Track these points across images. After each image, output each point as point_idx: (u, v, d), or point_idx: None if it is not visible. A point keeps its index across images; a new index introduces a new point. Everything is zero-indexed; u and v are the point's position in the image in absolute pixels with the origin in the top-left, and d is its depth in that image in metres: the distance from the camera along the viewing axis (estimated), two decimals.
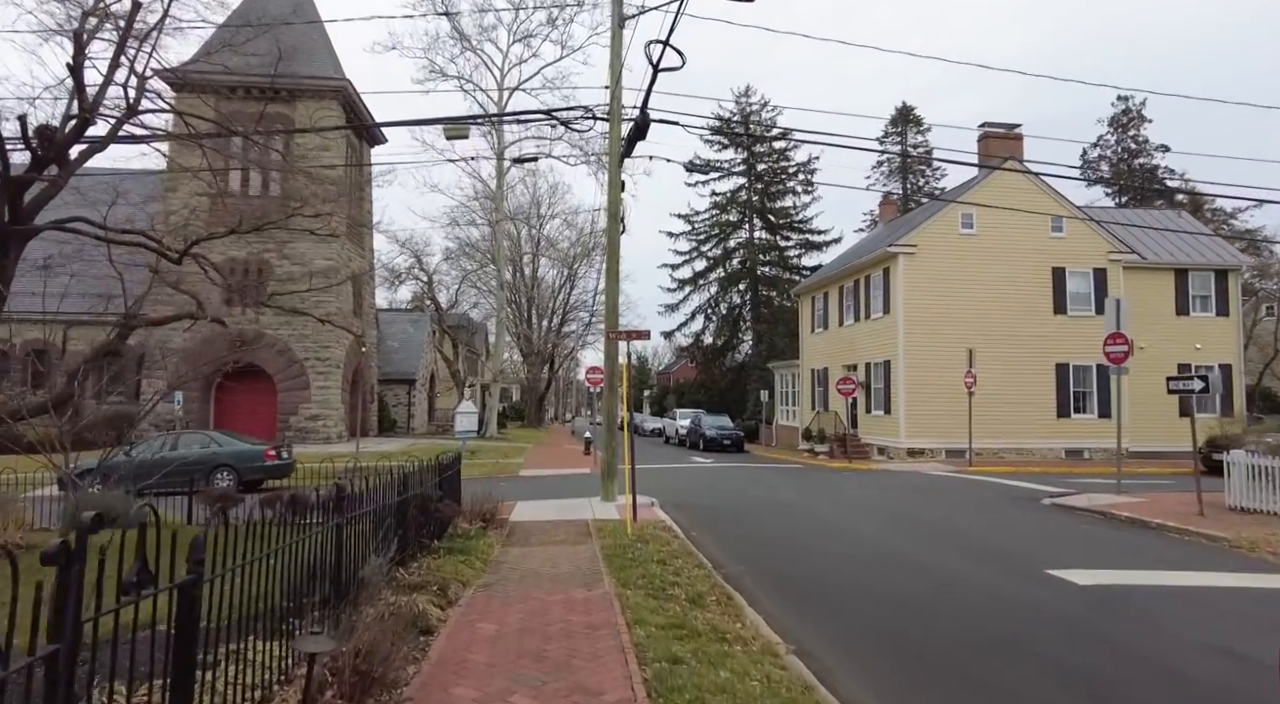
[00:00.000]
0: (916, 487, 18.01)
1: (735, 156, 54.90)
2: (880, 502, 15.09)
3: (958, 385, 25.49)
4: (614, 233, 13.86)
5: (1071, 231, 27.20)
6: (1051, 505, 14.51)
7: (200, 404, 30.83)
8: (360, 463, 24.01)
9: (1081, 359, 26.89)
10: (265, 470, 18.84)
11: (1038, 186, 27.39)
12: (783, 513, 13.37)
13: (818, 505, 14.32)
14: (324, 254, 31.77)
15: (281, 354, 31.20)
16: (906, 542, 10.60)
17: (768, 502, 14.85)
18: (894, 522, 12.47)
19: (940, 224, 26.88)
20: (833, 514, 13.29)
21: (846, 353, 30.70)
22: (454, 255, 52.08)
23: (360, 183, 37.23)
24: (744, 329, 54.76)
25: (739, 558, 9.50)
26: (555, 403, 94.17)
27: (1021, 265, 26.85)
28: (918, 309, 26.28)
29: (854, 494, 16.53)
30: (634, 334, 11.62)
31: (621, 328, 12.02)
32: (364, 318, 36.74)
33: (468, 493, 12.21)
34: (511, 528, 11.15)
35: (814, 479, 20.46)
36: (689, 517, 12.71)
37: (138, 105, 9.90)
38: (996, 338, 25.98)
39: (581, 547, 9.56)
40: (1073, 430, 26.70)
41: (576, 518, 12.11)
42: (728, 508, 13.99)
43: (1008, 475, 21.39)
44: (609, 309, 13.68)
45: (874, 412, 28.01)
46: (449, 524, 9.56)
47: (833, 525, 12.12)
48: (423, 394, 46.62)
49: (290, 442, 30.17)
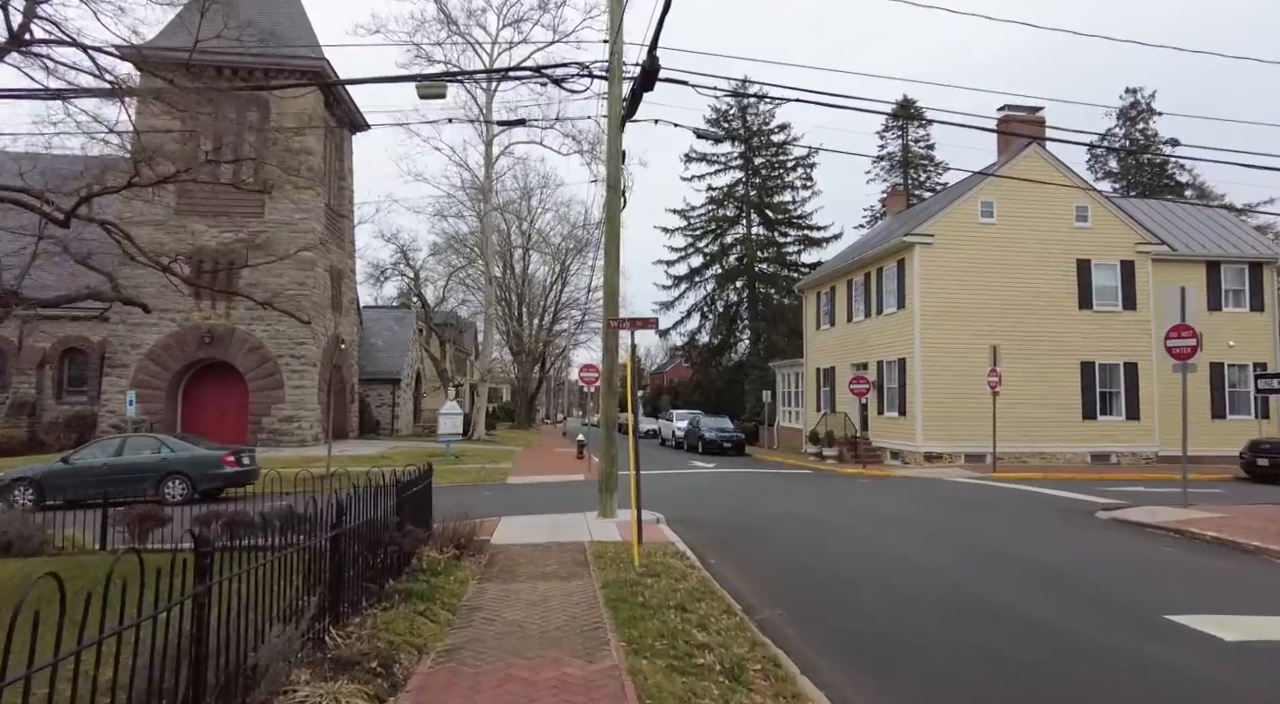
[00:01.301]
0: (947, 497, 16.22)
1: (732, 150, 53.20)
2: (915, 515, 13.28)
3: (978, 385, 23.76)
4: (614, 206, 12.02)
5: (1097, 221, 25.50)
6: (1110, 521, 12.73)
7: (167, 405, 28.80)
8: (333, 468, 22.13)
9: (1108, 357, 25.20)
10: (224, 478, 16.93)
11: (1061, 173, 25.69)
12: (808, 531, 11.54)
13: (846, 521, 12.51)
14: (300, 245, 29.67)
15: (254, 351, 29.21)
16: (969, 571, 8.80)
17: (787, 516, 13.03)
18: (941, 543, 10.66)
19: (958, 213, 25.14)
20: (867, 533, 11.48)
21: (856, 350, 28.93)
22: (441, 250, 50.12)
23: (340, 171, 35.25)
24: (741, 328, 53.07)
25: (773, 596, 7.68)
26: (546, 403, 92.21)
27: (1044, 257, 25.14)
28: (935, 303, 24.53)
29: (881, 506, 14.73)
30: (639, 323, 9.78)
31: (623, 316, 10.17)
32: (344, 313, 34.75)
33: (445, 507, 10.39)
34: (493, 554, 9.28)
35: (830, 488, 18.66)
36: (701, 536, 10.87)
37: (24, 33, 7.95)
38: (1018, 334, 24.25)
39: (578, 582, 7.71)
40: (1099, 433, 24.99)
41: (571, 540, 10.25)
42: (743, 525, 12.16)
43: (1037, 482, 19.65)
44: (608, 295, 11.83)
45: (887, 413, 26.25)
46: (412, 556, 7.70)
47: (871, 548, 10.30)
48: (408, 394, 44.64)
49: (260, 444, 28.23)
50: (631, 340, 9.55)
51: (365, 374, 40.13)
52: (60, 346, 32.22)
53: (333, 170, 34.21)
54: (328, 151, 33.21)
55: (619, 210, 12.11)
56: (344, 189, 35.47)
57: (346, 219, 35.57)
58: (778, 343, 48.05)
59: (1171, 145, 50.97)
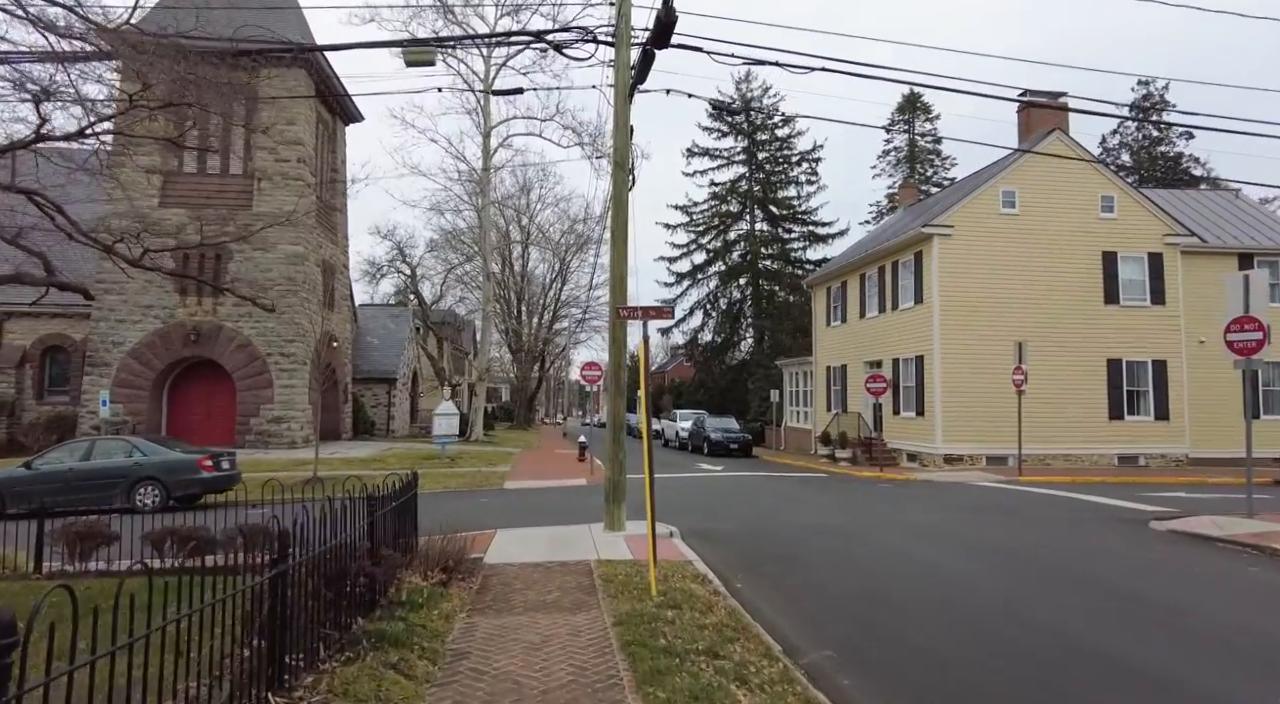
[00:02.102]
0: (979, 504, 15.02)
1: (735, 145, 52.05)
2: (951, 527, 12.09)
3: (1001, 383, 22.58)
4: (621, 185, 10.84)
5: (1123, 211, 24.32)
6: (1170, 533, 11.54)
7: (151, 405, 27.59)
8: (321, 472, 20.93)
9: (1136, 354, 24.02)
10: (201, 484, 15.73)
11: (1086, 162, 24.52)
12: (839, 546, 10.35)
13: (877, 533, 11.31)
14: (290, 238, 28.55)
15: (242, 349, 28.00)
16: (1039, 598, 7.61)
17: (815, 528, 11.84)
18: (992, 560, 9.46)
19: (978, 202, 23.95)
20: (905, 548, 10.28)
21: (870, 348, 27.75)
22: (439, 247, 48.90)
23: (333, 163, 34.05)
24: (745, 326, 51.92)
25: (817, 630, 6.50)
26: (546, 403, 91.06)
27: (1068, 249, 23.96)
28: (955, 297, 23.35)
29: (910, 515, 13.54)
30: (651, 312, 8.58)
31: (633, 305, 8.97)
32: (337, 310, 33.55)
33: (436, 517, 9.25)
34: (486, 577, 8.10)
35: (851, 494, 17.47)
36: (721, 554, 9.69)
37: None
38: (1041, 330, 23.07)
39: (585, 616, 6.53)
40: (1126, 434, 23.81)
41: (575, 558, 9.07)
42: (766, 539, 10.97)
43: (1067, 487, 18.47)
44: (615, 283, 10.63)
45: (904, 413, 25.06)
46: (390, 584, 6.52)
47: (917, 567, 9.11)
48: (404, 394, 43.46)
49: (248, 446, 27.06)
50: (644, 332, 8.35)
51: (360, 373, 38.98)
52: (41, 344, 31.03)
53: (325, 162, 33.03)
54: (319, 142, 32.02)
55: (626, 190, 10.93)
56: (336, 181, 34.28)
57: (339, 212, 34.38)
58: (783, 341, 46.91)
59: (1187, 138, 49.83)
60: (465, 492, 17.68)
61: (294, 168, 28.96)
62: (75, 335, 30.43)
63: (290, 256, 28.42)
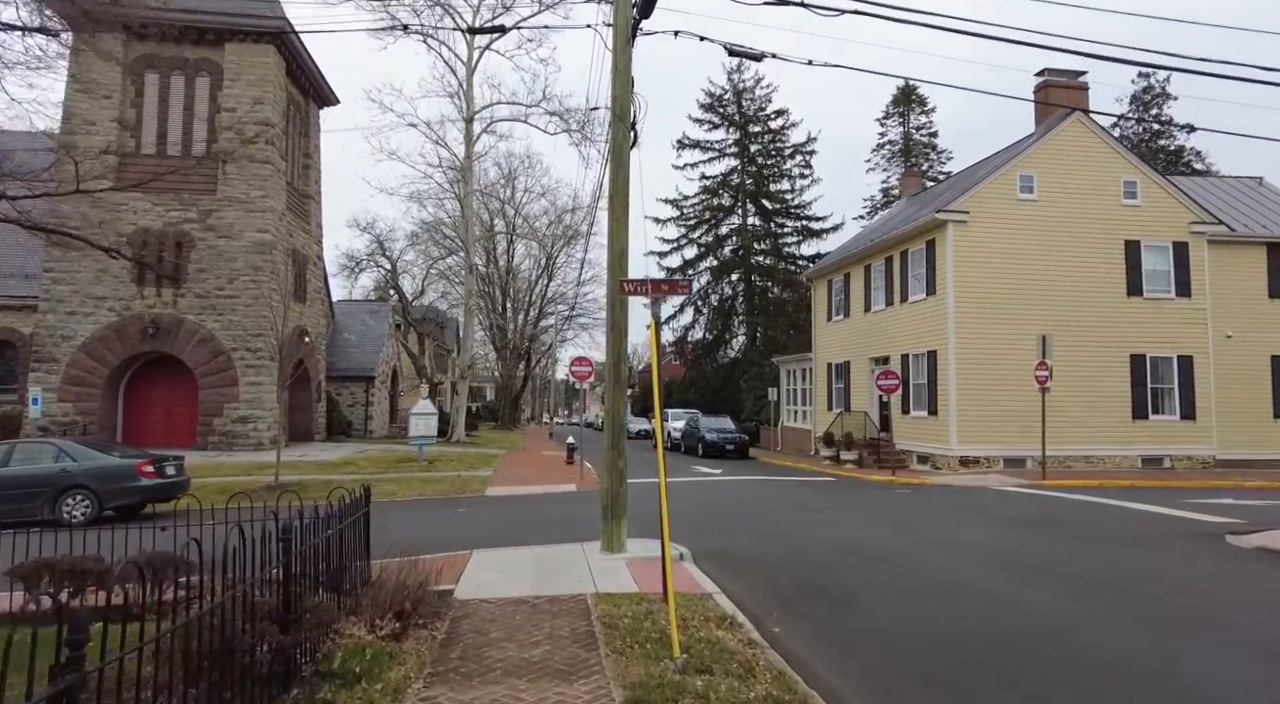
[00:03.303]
0: (1022, 515, 13.38)
1: (727, 136, 50.53)
2: (1007, 545, 10.42)
3: (1020, 380, 21.11)
4: (620, 142, 9.14)
5: (1147, 198, 22.86)
6: (1260, 551, 9.97)
7: (104, 404, 25.60)
8: (281, 476, 19.09)
9: (1160, 350, 22.58)
10: (141, 492, 13.90)
11: (1107, 145, 23.07)
12: (890, 574, 8.65)
13: (929, 557, 9.61)
14: (258, 225, 26.65)
15: (204, 344, 26.04)
16: (1197, 666, 5.99)
17: (846, 547, 10.17)
18: (1083, 594, 7.78)
19: (995, 188, 22.42)
20: (968, 576, 8.62)
21: (875, 343, 26.18)
22: (420, 240, 46.99)
23: (306, 148, 32.11)
24: (737, 322, 50.41)
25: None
26: (532, 402, 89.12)
27: (1089, 237, 22.48)
28: (971, 288, 21.80)
29: (954, 530, 11.90)
30: (664, 286, 6.89)
31: (639, 277, 7.26)
32: (310, 303, 31.62)
33: (403, 533, 7.61)
34: (454, 622, 6.37)
35: (872, 502, 15.83)
36: (746, 583, 8.02)
37: None
38: (1060, 323, 21.56)
39: (585, 687, 4.82)
40: (1150, 434, 22.35)
41: (568, 591, 7.36)
42: (796, 562, 9.28)
43: (1099, 492, 16.96)
44: (613, 255, 8.93)
45: (914, 412, 23.50)
46: (318, 647, 4.79)
47: (998, 607, 7.39)
48: (383, 393, 41.50)
49: (211, 447, 25.11)
50: (655, 311, 6.66)
51: (336, 371, 37.05)
52: None
53: (297, 146, 31.10)
54: (291, 125, 30.09)
55: (627, 147, 9.23)
56: (310, 167, 32.33)
57: (313, 200, 32.43)
58: (777, 338, 45.47)
59: (1188, 131, 48.73)
60: (441, 500, 15.92)
61: (262, 150, 26.98)
62: (24, 329, 28.35)
63: (257, 244, 26.49)
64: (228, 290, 26.20)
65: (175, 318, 25.97)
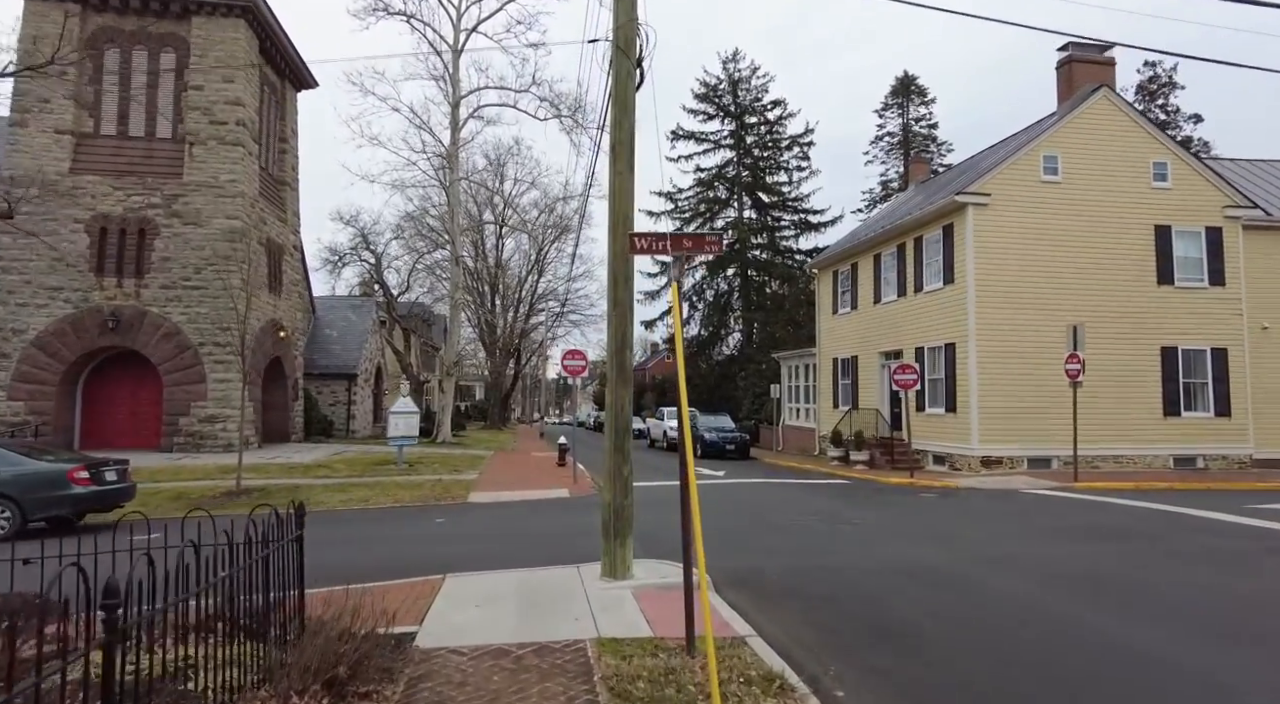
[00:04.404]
0: (1085, 524, 11.74)
1: (722, 128, 49.05)
2: (1094, 566, 8.73)
3: (1046, 374, 19.68)
4: (624, 78, 7.53)
5: (1178, 180, 21.42)
6: None
7: (60, 403, 23.78)
8: (246, 480, 17.39)
9: (1193, 342, 21.15)
10: (72, 502, 12.17)
11: (1136, 123, 21.62)
12: (962, 607, 7.02)
13: (1000, 581, 7.97)
14: (227, 211, 24.88)
15: (169, 338, 24.25)
16: None
17: (894, 567, 8.57)
18: (1223, 640, 6.28)
19: (1017, 169, 20.92)
20: (1065, 608, 6.99)
21: (886, 336, 24.64)
22: (405, 233, 45.15)
23: (282, 132, 30.34)
24: (734, 318, 48.95)
25: None
26: (522, 401, 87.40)
27: (1116, 222, 21.02)
28: (993, 276, 20.30)
29: (1013, 543, 10.32)
30: (688, 243, 5.32)
31: (654, 231, 5.61)
32: (286, 296, 29.85)
33: (365, 552, 5.98)
34: (410, 686, 4.73)
35: (902, 509, 14.25)
36: (786, 621, 6.42)
37: None
38: (1087, 314, 20.06)
39: None
40: (1183, 432, 20.91)
41: (561, 637, 5.74)
42: (838, 588, 7.68)
43: (1142, 495, 15.47)
44: (615, 218, 7.30)
45: (930, 409, 21.97)
46: None
47: (1129, 656, 5.79)
48: (366, 391, 39.73)
49: (177, 448, 23.30)
50: (677, 274, 5.06)
51: (317, 368, 35.30)
52: None
53: (271, 130, 29.32)
54: (265, 107, 28.31)
55: (632, 88, 7.62)
56: (286, 153, 30.55)
57: (288, 187, 30.64)
58: (776, 334, 44.00)
59: (1195, 122, 47.49)
60: (419, 507, 14.27)
61: (232, 131, 25.26)
62: None
63: (227, 232, 24.71)
64: (194, 281, 24.42)
65: (138, 310, 24.17)
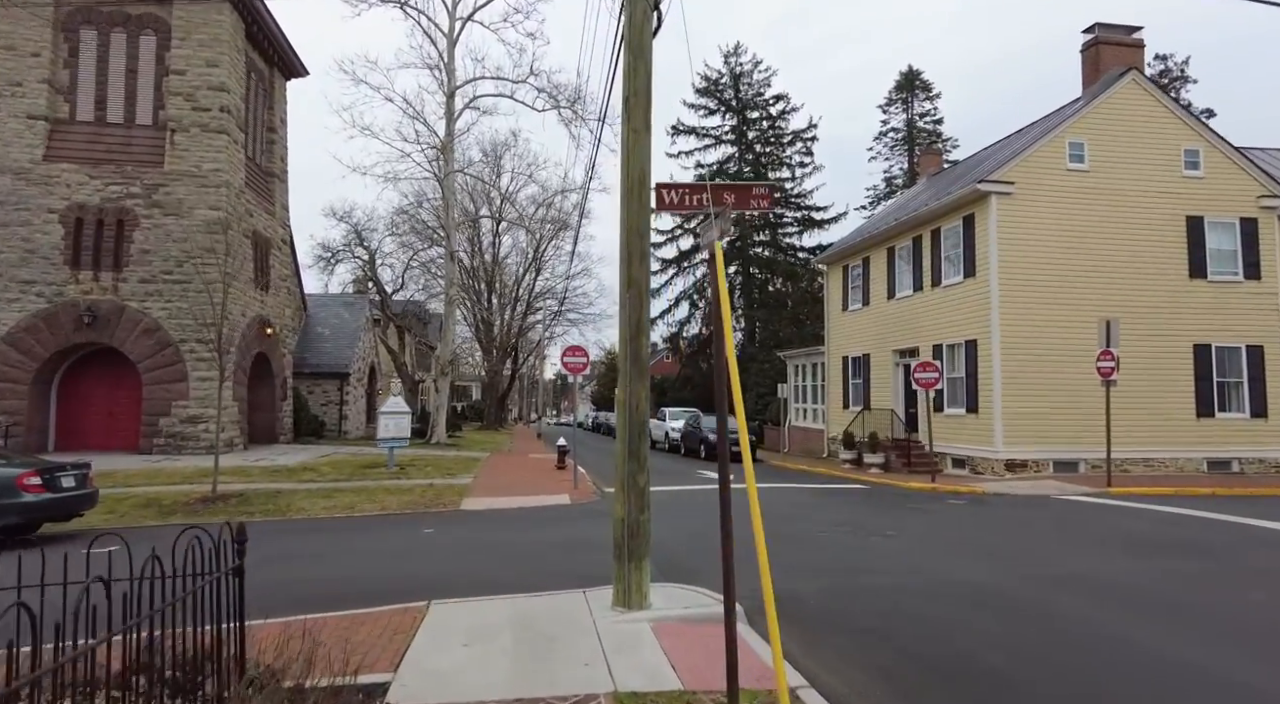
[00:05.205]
0: (1148, 538, 10.57)
1: (723, 123, 48.02)
2: (1183, 590, 7.57)
3: (1073, 372, 18.63)
4: (640, 21, 6.39)
5: (1211, 168, 20.35)
6: None
7: (33, 403, 22.60)
8: (226, 485, 16.24)
9: (1227, 339, 20.08)
10: (22, 510, 11.00)
11: (1167, 109, 20.54)
12: (1038, 638, 5.89)
13: (1077, 606, 6.81)
14: (210, 202, 23.72)
15: (149, 334, 23.08)
16: None
17: (948, 591, 7.44)
18: None
19: (1042, 156, 19.83)
20: (1167, 646, 5.91)
21: (901, 334, 23.53)
22: (400, 229, 43.96)
23: (270, 122, 29.19)
24: (735, 317, 47.80)
25: None
26: (520, 402, 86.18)
27: (1146, 212, 19.95)
28: (1017, 268, 19.20)
29: (1075, 560, 9.18)
30: (729, 195, 4.20)
31: (690, 181, 4.52)
32: (275, 292, 28.69)
33: (337, 571, 4.99)
34: None
35: (935, 518, 13.11)
36: (838, 660, 5.30)
37: None
38: (1115, 309, 18.96)
39: None
40: (1217, 434, 19.83)
41: (568, 691, 4.60)
42: (892, 617, 6.54)
43: (1186, 502, 14.37)
44: (630, 185, 6.19)
45: (949, 410, 20.86)
46: None
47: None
48: (359, 391, 38.55)
49: (157, 450, 22.09)
50: (722, 229, 3.93)
51: (308, 367, 34.12)
52: None
53: (259, 118, 28.16)
54: (252, 94, 27.16)
55: (648, 31, 6.49)
56: (274, 143, 29.39)
57: (277, 178, 29.47)
58: (779, 333, 42.96)
59: (1207, 116, 46.46)
60: (408, 515, 13.12)
61: (216, 118, 24.10)
62: None
63: (210, 223, 23.52)
64: (176, 274, 23.23)
65: (115, 305, 23.00)
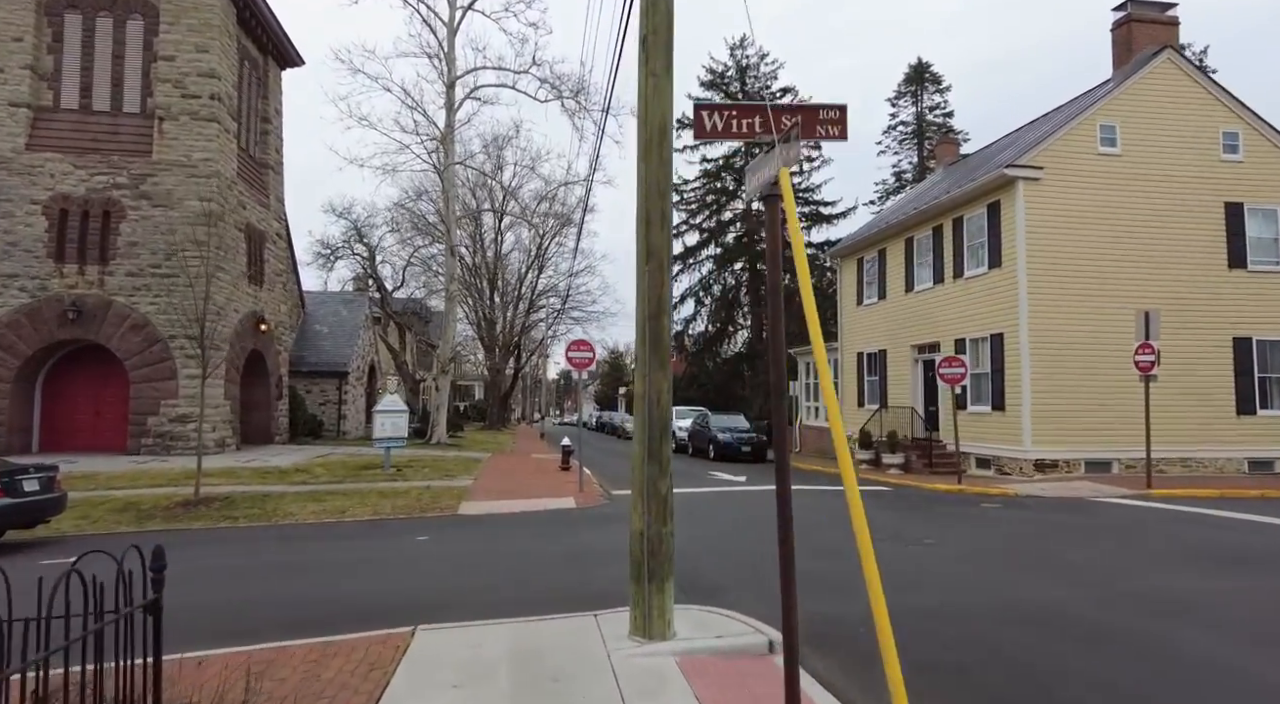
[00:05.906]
0: (1219, 548, 9.42)
1: None
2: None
3: (1107, 367, 17.61)
4: None
5: (1251, 152, 19.32)
6: None
7: (15, 402, 21.70)
8: (213, 487, 15.29)
9: (1269, 332, 19.04)
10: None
11: (1204, 89, 19.50)
12: (1154, 680, 4.93)
13: (1182, 634, 5.72)
14: (200, 193, 22.78)
15: (137, 330, 22.17)
16: None
17: (1019, 615, 6.43)
18: None
19: (1071, 139, 18.80)
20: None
21: (919, 328, 22.51)
22: (400, 225, 43.04)
23: (264, 112, 28.26)
24: (741, 314, 46.93)
25: None
26: (523, 401, 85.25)
27: (1182, 198, 18.92)
28: (1046, 258, 18.17)
29: (1153, 575, 8.16)
30: (789, 117, 3.20)
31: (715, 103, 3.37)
32: (269, 287, 27.75)
33: (317, 587, 4.57)
34: None
35: (974, 525, 12.08)
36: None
37: None
38: (1150, 301, 17.90)
39: None
40: (1259, 432, 18.78)
41: None
42: (963, 648, 5.54)
43: (1226, 504, 13.33)
44: (649, 134, 5.21)
45: (973, 407, 19.83)
46: None
47: None
48: (358, 390, 37.65)
49: (145, 450, 21.14)
50: (787, 161, 2.97)
51: (305, 366, 33.27)
52: None
53: (252, 108, 27.24)
54: (245, 83, 26.24)
55: None
56: (269, 134, 28.47)
57: (271, 170, 28.54)
58: (788, 330, 41.81)
59: None
60: (402, 520, 12.15)
61: (206, 106, 23.18)
62: None
63: (199, 215, 22.52)
64: (164, 268, 22.29)
65: (101, 300, 22.09)
